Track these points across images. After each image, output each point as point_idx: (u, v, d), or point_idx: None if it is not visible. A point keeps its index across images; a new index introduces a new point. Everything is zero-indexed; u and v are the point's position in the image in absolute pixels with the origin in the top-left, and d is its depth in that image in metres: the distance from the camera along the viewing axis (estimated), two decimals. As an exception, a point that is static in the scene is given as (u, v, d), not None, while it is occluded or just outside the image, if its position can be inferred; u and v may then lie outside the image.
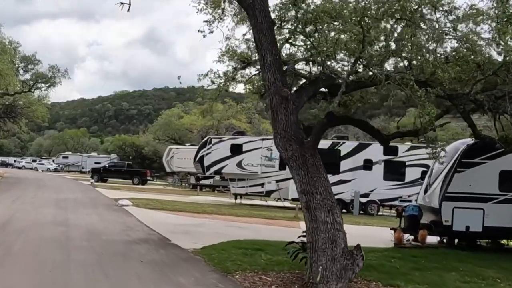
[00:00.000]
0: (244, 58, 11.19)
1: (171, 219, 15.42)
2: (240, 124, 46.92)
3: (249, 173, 24.26)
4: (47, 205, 17.38)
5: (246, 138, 25.39)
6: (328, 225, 7.37)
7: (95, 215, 14.85)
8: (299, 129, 7.94)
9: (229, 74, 12.28)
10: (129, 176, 42.42)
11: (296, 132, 7.73)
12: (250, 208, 22.70)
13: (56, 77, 36.65)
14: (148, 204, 19.78)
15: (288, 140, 7.68)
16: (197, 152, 25.01)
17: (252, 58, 11.83)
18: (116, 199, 21.38)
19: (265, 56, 7.60)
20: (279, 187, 24.50)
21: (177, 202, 22.39)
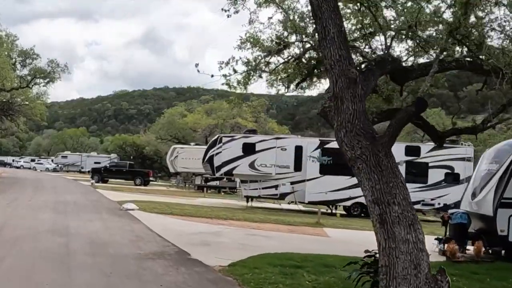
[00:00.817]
0: (279, 39, 9.58)
1: (184, 226, 13.73)
2: (246, 123, 45.20)
3: (263, 174, 22.57)
4: (45, 209, 15.68)
5: (259, 136, 23.67)
6: (409, 244, 5.69)
7: (98, 222, 13.16)
8: (368, 122, 6.28)
9: (259, 59, 10.68)
10: (131, 177, 40.70)
11: (365, 125, 6.05)
12: (264, 212, 21.01)
13: (56, 72, 34.84)
14: (155, 208, 18.10)
15: (356, 135, 5.99)
16: (206, 151, 23.30)
17: (290, 39, 10.22)
18: (119, 202, 19.71)
19: (326, 27, 5.91)
20: (294, 190, 22.82)
21: (185, 206, 20.73)
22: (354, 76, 5.97)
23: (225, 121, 47.22)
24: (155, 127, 59.04)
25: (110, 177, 41.12)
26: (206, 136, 49.44)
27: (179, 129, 53.12)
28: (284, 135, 24.69)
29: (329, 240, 13.14)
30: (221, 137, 23.04)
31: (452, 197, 23.73)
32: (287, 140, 23.20)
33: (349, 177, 22.52)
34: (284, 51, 10.19)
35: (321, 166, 22.36)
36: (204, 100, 63.26)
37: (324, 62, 6.32)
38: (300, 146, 23.01)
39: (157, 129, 57.19)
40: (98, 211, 16.08)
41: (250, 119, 47.59)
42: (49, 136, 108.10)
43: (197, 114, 51.42)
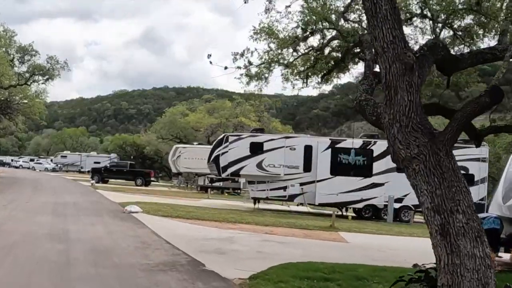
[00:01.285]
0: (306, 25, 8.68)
1: (192, 230, 12.79)
2: (250, 122, 44.26)
3: (271, 175, 21.64)
4: (43, 211, 14.74)
5: (267, 135, 22.71)
6: (476, 260, 4.76)
7: (100, 226, 12.22)
8: (425, 115, 5.35)
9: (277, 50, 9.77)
10: (132, 177, 39.73)
11: (422, 119, 5.13)
12: (273, 214, 20.08)
13: (55, 69, 33.81)
14: (159, 210, 17.16)
15: (412, 130, 5.05)
16: (211, 151, 22.33)
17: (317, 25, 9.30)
18: (121, 204, 18.78)
19: (377, 3, 4.98)
20: (304, 191, 21.88)
21: (190, 208, 19.78)
22: (411, 61, 5.04)
23: (228, 120, 46.25)
24: (156, 127, 58.01)
25: (111, 177, 40.19)
26: (208, 136, 48.51)
27: (181, 128, 52.11)
28: (293, 134, 23.72)
29: (349, 246, 12.21)
30: (227, 136, 22.08)
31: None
32: (296, 140, 22.27)
33: (361, 178, 21.70)
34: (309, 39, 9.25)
35: (332, 166, 21.45)
36: (206, 99, 62.29)
37: (374, 45, 5.37)
38: (309, 145, 22.08)
39: (158, 128, 56.09)
40: (99, 213, 15.14)
41: (254, 118, 46.64)
42: (49, 135, 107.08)
43: (199, 113, 50.48)
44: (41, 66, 33.39)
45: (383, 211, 22.19)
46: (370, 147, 21.85)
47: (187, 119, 50.84)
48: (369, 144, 21.93)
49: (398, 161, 5.41)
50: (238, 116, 45.28)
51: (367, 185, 21.66)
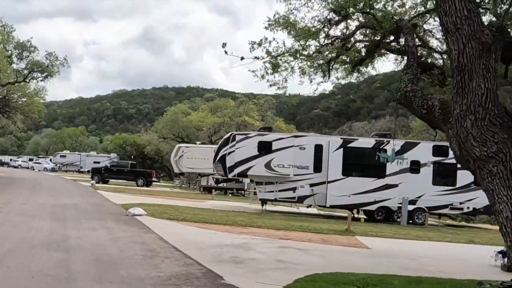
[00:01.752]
0: (340, 7, 7.74)
1: (202, 235, 11.86)
2: (254, 121, 43.30)
3: (280, 176, 20.70)
4: (41, 214, 13.81)
5: (275, 134, 21.76)
6: None
7: (103, 231, 11.28)
8: (502, 107, 4.43)
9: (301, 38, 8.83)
10: (133, 177, 38.76)
11: (501, 112, 4.22)
12: (283, 217, 19.16)
13: (54, 66, 32.77)
14: (164, 212, 16.23)
15: (490, 124, 4.15)
16: (217, 150, 21.36)
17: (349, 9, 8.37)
18: (124, 206, 17.86)
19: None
20: (314, 192, 20.95)
21: (196, 210, 18.86)
22: (489, 41, 4.14)
23: (231, 119, 45.28)
24: (158, 126, 56.92)
25: (111, 177, 39.23)
26: (210, 135, 47.60)
27: (183, 127, 51.10)
28: (303, 133, 22.80)
29: (373, 253, 11.28)
30: (234, 135, 21.12)
31: (482, 200, 21.86)
32: (306, 139, 21.34)
33: (374, 179, 20.78)
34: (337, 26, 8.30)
35: (344, 166, 20.52)
36: (208, 98, 61.29)
37: (443, 21, 4.44)
38: (320, 145, 21.16)
39: (159, 127, 55.03)
40: (101, 217, 14.20)
41: (257, 117, 45.69)
42: (48, 135, 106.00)
43: (201, 112, 49.52)
44: (40, 62, 32.35)
45: (396, 213, 21.28)
46: (384, 147, 20.90)
47: (189, 118, 49.86)
48: (382, 143, 20.99)
49: (467, 161, 4.48)
50: (242, 115, 44.33)
51: (381, 186, 20.73)
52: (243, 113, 44.34)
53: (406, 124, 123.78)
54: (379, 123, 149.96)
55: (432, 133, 56.93)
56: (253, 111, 45.45)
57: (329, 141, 21.17)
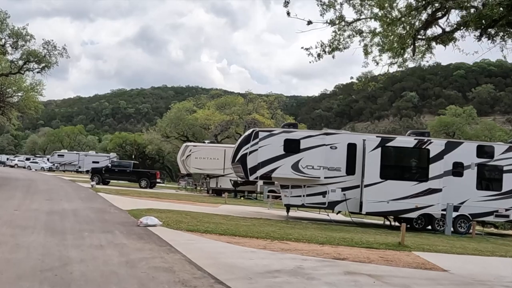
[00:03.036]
0: None
1: (239, 255, 9.30)
2: (264, 119, 40.72)
3: (309, 178, 18.18)
4: (35, 225, 11.24)
5: (304, 131, 19.20)
6: None
7: (113, 250, 8.72)
8: None
9: None
10: (136, 178, 36.21)
11: None
12: (315, 226, 16.60)
13: (52, 55, 30.04)
14: (181, 221, 13.69)
15: None
16: (236, 149, 18.78)
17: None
18: (131, 212, 15.33)
19: None
20: (346, 197, 18.45)
21: (215, 217, 16.32)
22: None
23: (240, 117, 42.62)
24: (162, 124, 53.99)
25: (112, 178, 36.69)
26: (217, 134, 45.01)
27: (188, 125, 48.34)
28: (333, 130, 20.31)
29: (462, 280, 8.74)
30: (257, 131, 18.53)
31: (531, 207, 19.61)
32: (338, 137, 18.81)
33: (415, 183, 18.27)
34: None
35: (382, 169, 18.01)
36: (215, 95, 58.61)
37: None
38: (353, 144, 18.66)
39: (164, 125, 52.09)
40: (108, 228, 11.63)
41: (267, 115, 43.10)
42: (45, 134, 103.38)
43: (207, 109, 46.86)
44: (36, 52, 29.61)
45: (437, 221, 18.79)
46: (426, 147, 18.41)
47: (195, 116, 47.10)
48: (424, 143, 18.49)
49: None
50: (252, 113, 41.71)
51: (423, 191, 18.21)
52: (253, 111, 41.80)
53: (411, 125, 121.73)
54: (382, 123, 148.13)
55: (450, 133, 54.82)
56: (263, 108, 42.94)
57: (364, 140, 18.65)
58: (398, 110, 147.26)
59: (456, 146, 19.42)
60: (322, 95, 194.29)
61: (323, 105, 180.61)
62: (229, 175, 31.51)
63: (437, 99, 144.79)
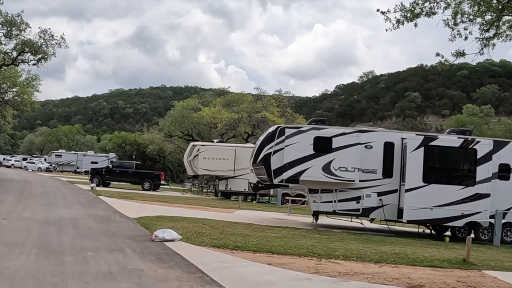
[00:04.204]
0: None
1: (293, 285, 7.08)
2: (274, 118, 38.45)
3: (342, 181, 15.94)
4: (25, 240, 9.00)
5: (336, 128, 16.91)
6: None
7: (128, 281, 6.46)
8: None
9: None
10: (139, 180, 33.89)
11: None
12: (351, 236, 14.35)
13: (49, 46, 27.57)
14: (202, 233, 11.47)
15: None
16: (258, 148, 16.47)
17: None
18: (140, 221, 13.11)
19: None
20: (383, 203, 16.24)
21: (237, 226, 14.09)
22: None
23: (250, 115, 40.28)
24: (166, 122, 51.26)
25: (113, 179, 34.35)
26: (223, 133, 42.74)
27: (194, 124, 45.88)
28: (368, 127, 18.10)
29: None
30: (283, 128, 16.23)
31: None
32: (374, 135, 16.58)
33: (461, 187, 16.06)
34: None
35: (425, 171, 15.80)
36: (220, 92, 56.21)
37: None
38: (390, 143, 16.44)
39: (168, 123, 49.45)
40: (116, 244, 9.38)
41: (277, 113, 40.83)
42: (43, 133, 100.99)
43: (213, 107, 44.51)
44: (32, 42, 27.14)
45: (481, 230, 16.59)
46: (473, 146, 16.21)
47: (201, 114, 44.65)
48: (470, 142, 16.29)
49: None
50: (261, 110, 39.42)
51: (470, 196, 15.99)
52: (262, 108, 39.52)
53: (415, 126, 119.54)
54: (385, 124, 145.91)
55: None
56: (273, 106, 40.70)
57: (403, 139, 16.43)
58: (401, 110, 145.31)
59: (503, 146, 17.21)
60: (323, 95, 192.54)
61: (324, 105, 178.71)
62: (240, 177, 29.29)
63: (441, 100, 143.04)
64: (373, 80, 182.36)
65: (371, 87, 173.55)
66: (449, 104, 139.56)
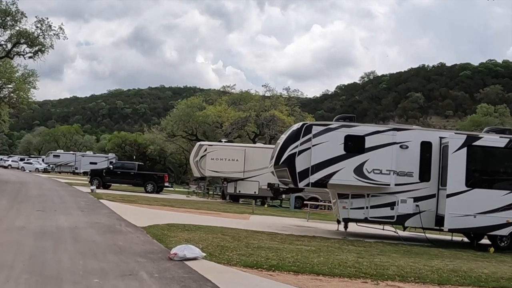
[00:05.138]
0: None
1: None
2: (283, 117, 36.63)
3: (376, 185, 14.18)
4: (14, 261, 7.23)
5: (368, 126, 15.07)
6: None
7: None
8: None
9: None
10: (142, 182, 32.04)
11: None
12: (387, 246, 12.58)
13: (47, 37, 25.61)
14: (226, 247, 9.73)
15: None
16: (281, 148, 14.65)
17: None
18: (150, 231, 11.37)
19: None
20: (420, 209, 14.50)
21: (260, 237, 12.32)
22: None
23: (258, 113, 38.42)
24: (168, 121, 49.17)
25: (114, 181, 32.53)
26: (226, 134, 40.93)
27: (199, 123, 43.92)
28: (403, 124, 16.39)
29: None
30: (309, 125, 14.44)
31: None
32: (410, 133, 14.82)
33: (507, 192, 14.33)
34: None
35: (468, 174, 14.06)
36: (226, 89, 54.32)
37: None
38: (428, 142, 14.70)
39: (171, 122, 47.39)
40: (126, 264, 7.61)
41: (286, 112, 39.03)
42: (40, 133, 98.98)
43: (219, 106, 42.65)
44: (28, 32, 25.19)
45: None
46: (521, 146, 14.48)
47: (206, 113, 42.70)
48: (518, 141, 14.56)
49: None
50: (270, 109, 37.61)
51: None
52: (272, 107, 37.70)
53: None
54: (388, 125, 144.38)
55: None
56: (281, 104, 38.92)
57: (441, 138, 14.68)
58: (404, 111, 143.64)
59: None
60: (324, 96, 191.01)
61: (325, 106, 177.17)
62: (250, 179, 27.52)
63: (444, 100, 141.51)
64: (374, 80, 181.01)
65: (373, 88, 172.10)
66: (452, 105, 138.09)
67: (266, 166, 27.38)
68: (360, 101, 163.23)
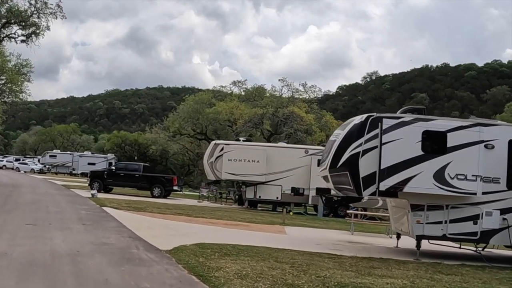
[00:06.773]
0: None
1: None
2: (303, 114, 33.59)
3: (459, 194, 11.15)
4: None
5: (450, 120, 11.90)
6: None
7: None
8: None
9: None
10: (148, 185, 28.92)
11: None
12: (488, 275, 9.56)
13: (42, 16, 22.24)
14: (293, 285, 6.69)
15: None
16: (339, 147, 11.41)
17: None
18: (176, 255, 8.34)
19: None
20: (508, 224, 11.49)
21: (320, 261, 9.32)
22: None
23: (275, 110, 35.32)
24: (174, 118, 45.62)
25: (117, 184, 29.42)
26: (236, 134, 37.87)
27: (210, 120, 40.64)
28: (488, 119, 13.40)
29: None
30: (376, 118, 11.26)
31: None
32: (496, 130, 11.76)
33: None
34: None
35: None
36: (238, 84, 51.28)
37: None
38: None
39: (179, 119, 43.92)
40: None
41: (304, 109, 36.00)
42: (36, 132, 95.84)
43: (230, 102, 39.50)
44: (20, 10, 21.89)
45: None
46: None
47: (217, 109, 39.43)
48: None
49: None
50: (289, 105, 34.55)
51: None
52: (290, 103, 34.60)
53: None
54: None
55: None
56: (299, 100, 35.89)
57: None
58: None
59: None
60: (326, 96, 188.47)
61: (327, 106, 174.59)
62: (271, 183, 24.49)
63: (449, 101, 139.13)
64: (377, 81, 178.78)
65: (376, 88, 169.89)
66: (458, 106, 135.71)
67: (290, 169, 24.66)
68: (363, 102, 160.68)
